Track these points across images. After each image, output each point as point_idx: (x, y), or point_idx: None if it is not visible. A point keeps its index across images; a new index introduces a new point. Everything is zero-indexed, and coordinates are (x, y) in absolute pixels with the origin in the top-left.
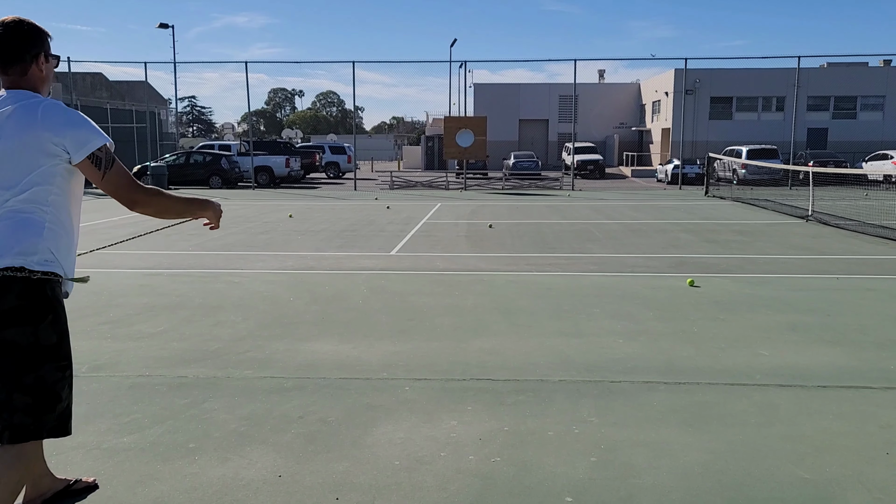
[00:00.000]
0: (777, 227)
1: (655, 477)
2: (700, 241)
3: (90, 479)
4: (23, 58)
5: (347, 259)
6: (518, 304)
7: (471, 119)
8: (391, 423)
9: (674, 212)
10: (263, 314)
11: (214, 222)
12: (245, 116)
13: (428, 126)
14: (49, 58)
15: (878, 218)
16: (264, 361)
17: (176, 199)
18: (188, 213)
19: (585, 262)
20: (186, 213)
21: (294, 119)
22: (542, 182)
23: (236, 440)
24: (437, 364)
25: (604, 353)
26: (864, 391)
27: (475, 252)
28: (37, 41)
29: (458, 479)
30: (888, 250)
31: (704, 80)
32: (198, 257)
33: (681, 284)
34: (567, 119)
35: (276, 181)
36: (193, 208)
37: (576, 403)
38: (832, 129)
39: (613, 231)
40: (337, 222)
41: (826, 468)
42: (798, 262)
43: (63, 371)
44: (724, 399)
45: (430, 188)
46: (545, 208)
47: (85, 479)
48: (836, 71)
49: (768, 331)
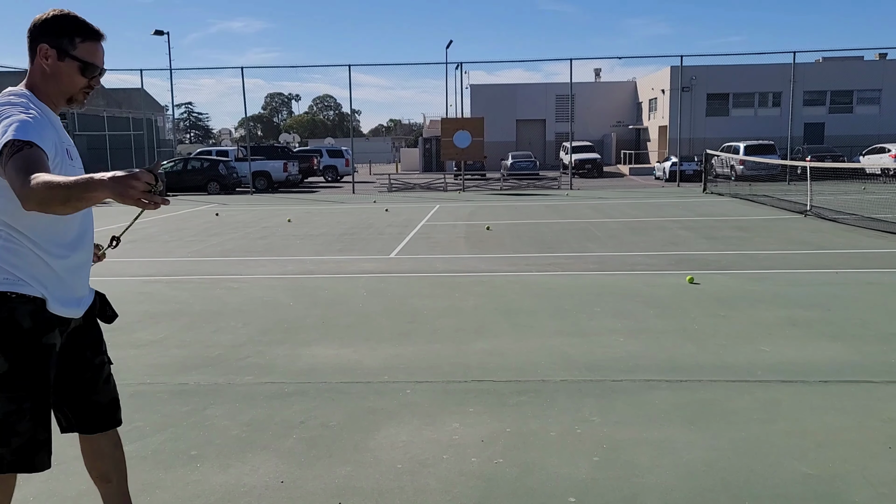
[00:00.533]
0: (776, 222)
1: (659, 476)
2: (699, 237)
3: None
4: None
5: (347, 263)
6: (518, 305)
7: (468, 120)
8: (393, 426)
9: (672, 209)
10: (263, 319)
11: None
12: (242, 122)
13: (425, 128)
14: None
15: (877, 211)
16: (265, 367)
17: (54, 187)
18: (75, 199)
19: (585, 262)
20: (73, 201)
21: (291, 123)
22: (540, 182)
23: (238, 446)
24: (438, 366)
25: (605, 352)
26: (865, 385)
27: (475, 253)
28: (46, 32)
29: (461, 482)
30: (887, 244)
31: (701, 76)
32: (197, 264)
33: (681, 282)
34: (564, 118)
35: (275, 186)
36: (77, 192)
37: (578, 403)
38: (829, 123)
39: (613, 230)
40: (336, 226)
41: (829, 463)
42: (797, 257)
43: (18, 403)
44: (726, 396)
45: (429, 190)
46: (544, 208)
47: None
48: (831, 65)
49: (769, 327)
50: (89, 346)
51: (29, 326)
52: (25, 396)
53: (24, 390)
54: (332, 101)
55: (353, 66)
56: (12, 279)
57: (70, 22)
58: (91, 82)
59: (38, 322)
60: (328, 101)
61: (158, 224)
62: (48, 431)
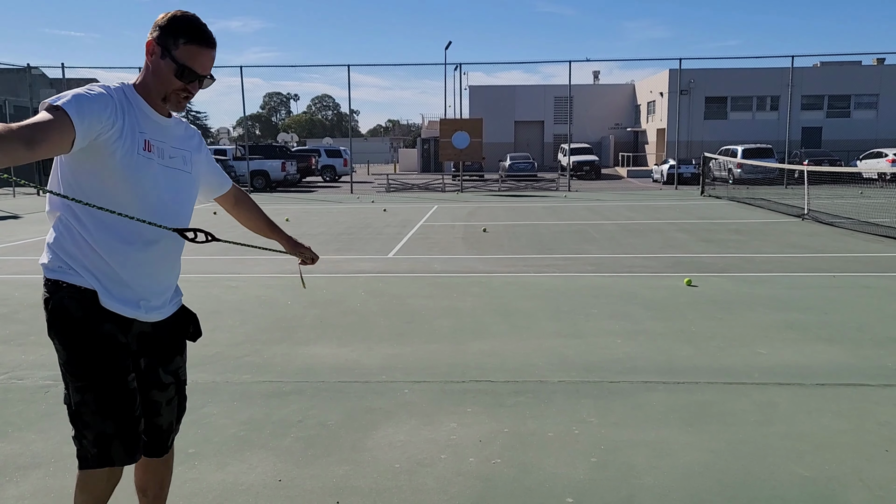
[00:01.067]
0: (773, 225)
1: (656, 477)
2: (697, 240)
3: None
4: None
5: (345, 262)
6: (516, 306)
7: (466, 121)
8: (391, 425)
9: (670, 212)
10: (261, 318)
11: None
12: (241, 121)
13: (424, 129)
14: (168, 55)
15: (873, 215)
16: (263, 366)
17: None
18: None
19: (583, 263)
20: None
21: (290, 123)
22: (538, 183)
23: (235, 445)
24: (436, 366)
25: (603, 354)
26: (862, 389)
27: (473, 254)
28: (160, 29)
29: (458, 482)
30: (884, 248)
31: (699, 80)
32: (194, 262)
33: (678, 284)
34: (562, 120)
35: (273, 185)
36: None
37: (575, 404)
38: (826, 127)
39: (610, 231)
40: (334, 225)
41: (826, 466)
42: (795, 260)
43: (81, 393)
44: (723, 398)
45: (427, 190)
46: (542, 209)
47: None
48: (829, 70)
49: (766, 329)
50: (160, 362)
51: (80, 316)
52: (88, 387)
53: (86, 380)
54: (330, 101)
55: (352, 66)
56: (65, 268)
57: (180, 22)
58: (189, 87)
59: (89, 313)
60: (327, 100)
61: None
62: (119, 424)
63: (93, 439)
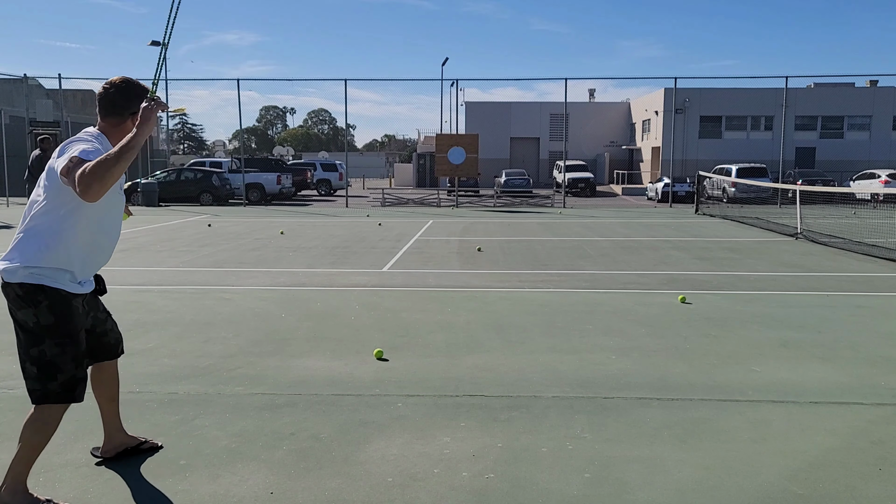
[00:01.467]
0: (767, 244)
1: (649, 493)
2: (691, 258)
3: (157, 442)
4: (121, 114)
5: (339, 276)
6: (510, 321)
7: (462, 137)
8: (384, 439)
9: (664, 229)
10: (255, 331)
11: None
12: (236, 134)
13: (419, 144)
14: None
15: (866, 236)
16: (256, 378)
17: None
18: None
19: (577, 279)
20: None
21: (285, 136)
22: (533, 200)
23: (227, 457)
24: (429, 380)
25: (597, 369)
26: (855, 407)
27: (467, 269)
28: (136, 102)
29: (451, 496)
30: (877, 268)
31: (694, 99)
32: (188, 274)
33: (672, 301)
34: (558, 137)
35: (268, 198)
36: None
37: (569, 419)
38: (820, 148)
39: (605, 248)
40: (328, 239)
41: (819, 484)
42: (788, 279)
43: (62, 347)
44: (717, 415)
45: (422, 205)
46: (536, 225)
47: (151, 441)
48: (823, 91)
49: (760, 347)
50: (96, 308)
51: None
52: (69, 342)
53: (67, 336)
54: (326, 115)
55: (349, 81)
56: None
57: (141, 87)
58: None
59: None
60: (323, 114)
61: (150, 233)
62: (84, 371)
63: (64, 381)
